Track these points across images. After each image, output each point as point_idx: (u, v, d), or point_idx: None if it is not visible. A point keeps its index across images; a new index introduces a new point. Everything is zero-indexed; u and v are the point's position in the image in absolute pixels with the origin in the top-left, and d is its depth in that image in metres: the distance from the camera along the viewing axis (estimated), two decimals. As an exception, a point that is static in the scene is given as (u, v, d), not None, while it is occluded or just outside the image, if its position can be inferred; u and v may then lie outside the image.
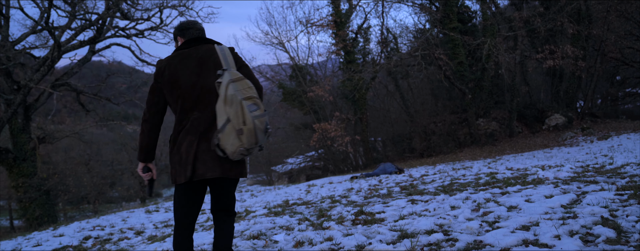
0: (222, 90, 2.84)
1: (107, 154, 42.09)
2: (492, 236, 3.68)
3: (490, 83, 23.34)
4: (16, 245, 7.09)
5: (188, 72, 2.99)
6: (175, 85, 2.98)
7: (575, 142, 17.74)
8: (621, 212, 3.99)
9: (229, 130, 2.80)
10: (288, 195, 9.97)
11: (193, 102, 2.98)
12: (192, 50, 3.08)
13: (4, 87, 19.28)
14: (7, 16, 18.86)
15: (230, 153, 2.83)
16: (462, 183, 7.56)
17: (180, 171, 2.94)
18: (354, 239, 4.14)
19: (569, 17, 21.54)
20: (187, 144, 2.93)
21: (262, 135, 2.86)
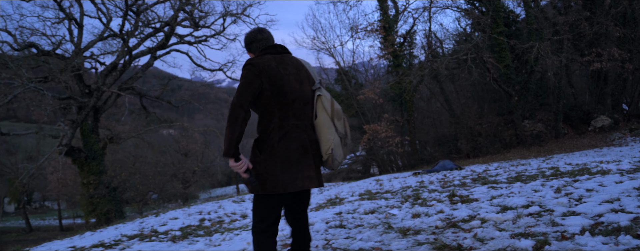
0: (327, 104, 3.00)
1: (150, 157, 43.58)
2: (583, 207, 4.50)
3: (536, 85, 23.84)
4: (140, 226, 8.15)
5: (291, 79, 2.99)
6: (280, 89, 2.93)
7: (624, 142, 18.17)
8: (690, 190, 4.75)
9: (337, 142, 3.01)
10: (361, 187, 10.87)
11: (294, 110, 2.97)
12: (284, 57, 3.09)
13: (76, 91, 20.73)
14: (81, 25, 20.34)
15: (337, 164, 3.03)
16: (529, 175, 8.30)
17: (280, 180, 2.89)
18: (462, 211, 5.01)
19: (615, 20, 21.94)
20: (295, 153, 2.94)
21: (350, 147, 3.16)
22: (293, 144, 2.92)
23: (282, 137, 2.92)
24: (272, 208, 2.97)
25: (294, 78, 2.99)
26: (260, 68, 2.91)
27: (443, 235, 4.15)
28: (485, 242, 3.75)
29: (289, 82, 2.95)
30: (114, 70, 21.05)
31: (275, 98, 2.91)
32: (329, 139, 2.96)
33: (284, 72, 2.97)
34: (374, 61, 27.82)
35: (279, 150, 2.90)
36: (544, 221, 4.15)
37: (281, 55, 3.09)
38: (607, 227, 3.67)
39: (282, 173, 2.88)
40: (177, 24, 20.21)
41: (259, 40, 3.20)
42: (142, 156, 38.21)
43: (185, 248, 5.57)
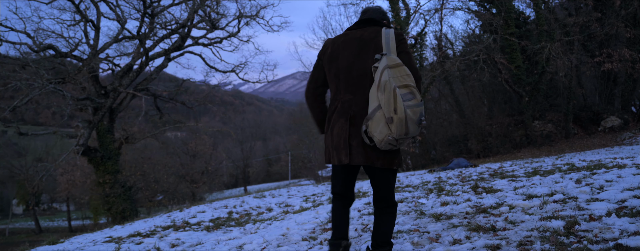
0: (377, 75, 2.82)
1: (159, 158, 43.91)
2: (605, 195, 4.74)
3: (546, 86, 24.04)
4: (169, 219, 8.43)
5: (348, 52, 3.04)
6: (333, 64, 3.08)
7: (635, 142, 18.34)
8: None
9: (378, 117, 2.79)
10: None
11: (347, 84, 3.01)
12: (358, 31, 3.11)
13: (92, 92, 21.09)
14: (98, 26, 20.71)
15: (378, 141, 2.82)
16: (546, 171, 8.53)
17: (332, 154, 3.05)
18: (489, 200, 5.27)
19: (625, 22, 22.12)
20: (338, 127, 3.00)
21: (413, 126, 2.77)
22: (341, 118, 2.99)
23: (333, 111, 3.05)
24: (335, 176, 3.22)
25: (350, 52, 3.03)
26: (324, 47, 3.18)
27: (475, 219, 4.41)
28: (517, 224, 4.00)
29: (343, 57, 3.04)
30: (129, 72, 21.40)
31: (330, 74, 3.09)
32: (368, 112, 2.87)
33: (344, 45, 3.07)
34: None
35: (331, 124, 3.06)
36: (569, 207, 4.40)
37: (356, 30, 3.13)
38: (631, 210, 3.92)
39: (330, 145, 3.05)
40: (193, 26, 20.55)
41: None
42: (151, 157, 38.66)
43: (221, 236, 5.83)
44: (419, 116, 2.78)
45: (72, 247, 6.61)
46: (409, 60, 2.96)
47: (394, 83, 2.74)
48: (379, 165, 2.95)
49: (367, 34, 3.06)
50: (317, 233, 4.78)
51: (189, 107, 24.56)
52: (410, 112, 2.72)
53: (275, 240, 4.74)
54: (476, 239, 3.68)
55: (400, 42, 3.01)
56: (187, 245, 5.55)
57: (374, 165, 2.95)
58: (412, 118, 2.73)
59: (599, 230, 3.45)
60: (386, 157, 2.96)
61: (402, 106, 2.71)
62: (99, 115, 20.29)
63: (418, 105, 2.78)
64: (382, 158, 2.95)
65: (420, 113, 2.79)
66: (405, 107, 2.71)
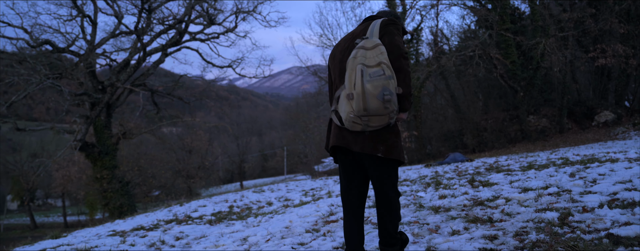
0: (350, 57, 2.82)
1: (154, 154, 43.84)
2: (598, 188, 4.90)
3: (541, 81, 24.25)
4: (170, 213, 8.56)
5: (340, 48, 3.07)
6: (331, 61, 3.14)
7: (627, 136, 18.56)
8: (696, 173, 5.15)
9: (342, 96, 2.82)
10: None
11: (339, 77, 2.98)
12: (355, 28, 3.15)
13: (90, 87, 21.14)
14: (95, 22, 20.74)
15: (344, 120, 2.83)
16: (541, 165, 8.69)
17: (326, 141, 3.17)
18: (486, 193, 5.42)
19: (619, 17, 22.32)
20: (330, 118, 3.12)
21: (374, 101, 2.67)
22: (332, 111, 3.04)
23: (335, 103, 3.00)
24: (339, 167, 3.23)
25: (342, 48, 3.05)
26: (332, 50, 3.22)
27: (472, 211, 4.56)
28: (513, 216, 4.16)
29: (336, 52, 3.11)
30: (126, 67, 21.45)
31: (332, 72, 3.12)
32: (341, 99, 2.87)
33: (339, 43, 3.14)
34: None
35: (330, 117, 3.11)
36: (563, 199, 4.56)
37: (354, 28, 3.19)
38: (623, 202, 4.08)
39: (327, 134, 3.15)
40: (191, 22, 20.61)
41: None
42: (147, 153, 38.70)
43: (224, 229, 5.97)
44: (382, 90, 2.66)
45: (76, 241, 6.74)
46: (390, 40, 2.86)
47: (359, 61, 2.72)
48: (357, 149, 2.89)
49: (360, 28, 3.07)
50: (320, 225, 4.92)
51: (186, 103, 24.66)
52: (370, 86, 2.65)
53: (278, 232, 4.88)
54: (474, 230, 3.83)
55: (386, 26, 2.94)
56: (191, 238, 5.68)
57: (350, 147, 2.91)
58: (372, 92, 2.65)
59: (592, 220, 3.61)
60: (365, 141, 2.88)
61: (361, 81, 2.66)
62: (97, 110, 20.35)
63: (383, 78, 2.68)
64: (361, 142, 2.89)
65: (384, 88, 2.67)
66: (364, 82, 2.66)
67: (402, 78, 2.78)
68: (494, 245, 3.36)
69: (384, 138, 2.88)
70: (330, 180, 13.27)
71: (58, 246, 6.37)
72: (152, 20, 21.90)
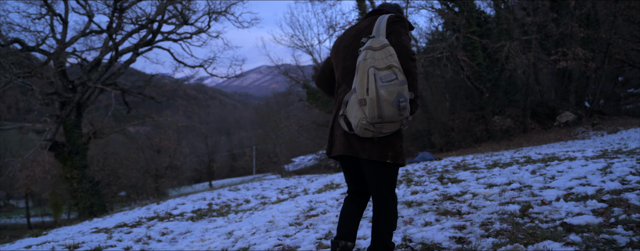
0: (359, 58, 2.67)
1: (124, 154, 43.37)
2: (556, 183, 5.35)
3: (506, 82, 25.09)
4: (149, 212, 8.76)
5: (344, 43, 2.93)
6: (335, 57, 2.99)
7: (587, 136, 19.42)
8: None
9: (353, 100, 2.65)
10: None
11: (342, 75, 2.89)
12: (359, 22, 3.00)
13: (60, 86, 20.97)
14: (65, 21, 20.57)
15: (354, 127, 2.67)
16: (505, 163, 9.20)
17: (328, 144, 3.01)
18: (454, 189, 5.83)
19: (579, 22, 23.30)
20: (332, 118, 2.98)
21: (389, 108, 2.55)
22: (334, 111, 2.96)
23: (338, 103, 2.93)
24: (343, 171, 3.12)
25: (345, 43, 2.92)
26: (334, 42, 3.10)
27: (442, 205, 4.96)
28: (480, 208, 4.57)
29: (340, 47, 2.96)
30: (98, 66, 21.34)
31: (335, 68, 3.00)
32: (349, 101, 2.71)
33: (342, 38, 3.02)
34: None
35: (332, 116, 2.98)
36: (525, 194, 4.99)
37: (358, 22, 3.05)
38: (577, 196, 4.53)
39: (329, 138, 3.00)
40: (164, 22, 20.65)
41: None
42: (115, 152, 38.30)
43: (207, 225, 6.24)
44: (397, 97, 2.53)
45: (60, 238, 6.89)
46: (397, 40, 2.71)
47: (370, 64, 2.58)
48: (365, 156, 2.74)
49: (364, 23, 2.91)
50: (302, 219, 5.24)
51: (158, 102, 24.63)
52: (385, 92, 2.52)
53: (263, 226, 5.19)
54: (445, 221, 4.22)
55: (392, 24, 2.78)
56: (177, 233, 5.94)
57: (358, 155, 2.76)
58: (387, 99, 2.52)
59: (549, 212, 4.03)
60: (373, 149, 2.73)
61: (375, 86, 2.53)
62: (67, 109, 20.20)
63: (396, 84, 2.55)
64: (369, 149, 2.74)
65: (399, 94, 2.54)
66: (378, 87, 2.53)
67: (410, 82, 2.66)
68: (463, 233, 3.75)
69: (392, 144, 2.76)
70: (304, 178, 13.60)
71: (43, 244, 6.52)
72: (123, 20, 21.83)
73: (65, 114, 20.13)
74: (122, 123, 26.95)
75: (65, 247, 5.61)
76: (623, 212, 3.73)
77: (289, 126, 39.80)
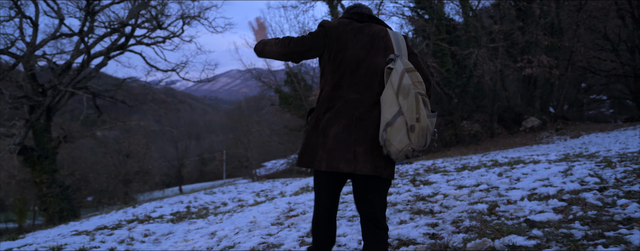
0: (396, 77, 2.53)
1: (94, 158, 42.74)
2: (521, 184, 5.71)
3: (474, 89, 25.78)
4: (127, 215, 8.85)
5: (358, 45, 2.66)
6: (337, 55, 2.65)
7: (551, 141, 20.13)
8: (601, 172, 6.07)
9: (399, 124, 2.48)
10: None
11: (354, 80, 2.63)
12: (365, 25, 2.74)
13: (29, 90, 20.72)
14: (36, 24, 20.35)
15: (395, 151, 2.49)
16: (473, 166, 9.59)
17: (324, 157, 2.58)
18: (426, 190, 6.15)
19: (544, 30, 24.16)
20: (339, 128, 2.59)
21: (429, 137, 2.56)
22: (340, 119, 2.59)
23: (329, 109, 2.63)
24: (320, 187, 2.78)
25: (361, 45, 2.66)
26: (327, 30, 2.70)
27: (416, 205, 5.26)
28: (450, 208, 4.88)
29: (352, 49, 2.64)
30: (68, 69, 21.15)
31: (330, 64, 2.66)
32: (386, 118, 2.51)
33: (353, 38, 2.68)
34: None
35: (324, 123, 2.62)
36: (492, 194, 5.34)
37: (362, 24, 2.76)
38: (540, 195, 4.88)
39: (320, 148, 2.60)
40: (137, 26, 20.61)
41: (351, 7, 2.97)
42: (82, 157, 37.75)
43: (189, 226, 6.41)
44: (433, 128, 2.58)
45: (40, 241, 6.96)
46: (418, 62, 2.70)
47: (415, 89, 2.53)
48: (386, 175, 2.62)
49: (376, 30, 2.72)
50: (282, 219, 5.48)
51: (130, 106, 24.51)
52: (430, 123, 2.52)
53: (245, 226, 5.40)
54: (419, 220, 4.52)
55: (409, 44, 2.77)
56: (159, 234, 6.10)
57: (382, 175, 2.59)
58: (430, 129, 2.53)
59: (514, 210, 4.37)
60: (391, 167, 2.64)
61: (425, 115, 2.49)
62: (37, 113, 19.97)
63: (434, 115, 2.57)
64: (389, 168, 2.62)
65: (433, 125, 2.57)
66: (426, 116, 2.50)
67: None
68: (436, 230, 4.04)
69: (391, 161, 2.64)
70: (278, 182, 13.79)
71: (23, 246, 6.59)
72: (94, 23, 21.70)
73: (34, 118, 19.90)
74: (92, 127, 26.66)
75: (49, 249, 5.72)
76: (580, 210, 4.09)
77: (261, 130, 39.91)
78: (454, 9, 28.60)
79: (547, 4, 25.15)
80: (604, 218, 3.74)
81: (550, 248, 3.18)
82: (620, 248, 2.99)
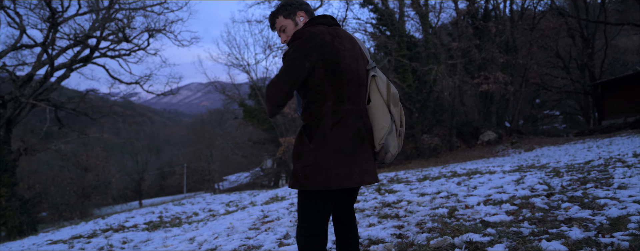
0: (383, 86, 2.58)
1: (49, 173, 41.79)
2: (477, 192, 6.23)
3: (434, 103, 26.65)
4: (101, 225, 9.00)
5: (347, 55, 2.54)
6: (335, 68, 2.49)
7: (506, 154, 21.02)
8: (549, 180, 6.65)
9: (393, 131, 2.59)
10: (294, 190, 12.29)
11: (349, 92, 2.54)
12: (339, 31, 2.60)
13: (-14, 102, 20.36)
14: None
15: (390, 157, 2.61)
16: (433, 177, 10.13)
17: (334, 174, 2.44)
18: (391, 197, 6.60)
19: (499, 48, 25.30)
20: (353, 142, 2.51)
21: None
22: (348, 132, 2.50)
23: (335, 123, 2.48)
24: (323, 207, 2.53)
25: (349, 54, 2.55)
26: (315, 42, 2.45)
27: (382, 211, 5.69)
28: (414, 212, 5.33)
29: (345, 59, 2.51)
30: (30, 81, 20.92)
31: (330, 78, 2.48)
32: (383, 127, 2.55)
33: (340, 46, 2.52)
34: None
35: (333, 139, 2.46)
36: (452, 200, 5.82)
37: (336, 28, 2.62)
38: (494, 201, 5.38)
39: (336, 165, 2.45)
40: (103, 38, 20.59)
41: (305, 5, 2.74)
42: (38, 171, 36.92)
43: (165, 234, 6.67)
44: None
45: (16, 248, 7.09)
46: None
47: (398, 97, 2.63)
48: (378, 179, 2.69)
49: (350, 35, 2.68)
50: (258, 225, 5.82)
51: (93, 118, 24.31)
52: None
53: (223, 231, 5.72)
54: (386, 223, 4.95)
55: None
56: (137, 241, 6.34)
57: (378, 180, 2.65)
58: None
59: (471, 213, 4.85)
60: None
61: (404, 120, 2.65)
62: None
63: None
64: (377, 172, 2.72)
65: None
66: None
67: None
68: (402, 231, 4.48)
69: None
70: (245, 193, 14.05)
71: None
72: (56, 34, 21.55)
73: (-5, 130, 19.60)
74: (49, 140, 26.26)
75: (29, 256, 5.89)
76: (529, 212, 4.59)
77: (224, 143, 39.92)
78: (415, 26, 29.58)
79: (502, 23, 26.39)
80: (549, 219, 4.25)
81: (501, 243, 3.64)
82: (561, 241, 3.48)
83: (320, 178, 2.43)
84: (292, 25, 2.69)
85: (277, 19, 2.74)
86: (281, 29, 2.73)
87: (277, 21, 2.74)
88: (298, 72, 2.43)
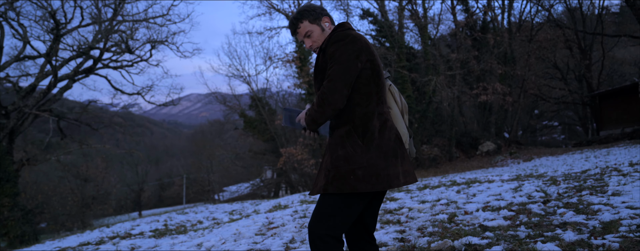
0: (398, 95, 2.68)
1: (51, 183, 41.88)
2: (477, 199, 6.42)
3: (433, 114, 26.88)
4: (105, 233, 9.16)
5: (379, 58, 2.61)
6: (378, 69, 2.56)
7: (505, 164, 21.20)
8: (546, 188, 6.84)
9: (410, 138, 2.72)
10: (296, 199, 12.45)
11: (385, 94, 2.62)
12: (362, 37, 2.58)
13: (-9, 112, 20.56)
14: (1, 46, 20.35)
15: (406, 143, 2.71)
16: (433, 186, 10.31)
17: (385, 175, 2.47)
18: (392, 205, 6.78)
19: (498, 59, 25.58)
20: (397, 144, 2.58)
21: None
22: (391, 133, 2.55)
23: (382, 125, 2.53)
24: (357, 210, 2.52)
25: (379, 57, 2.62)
26: (361, 44, 2.49)
27: (384, 217, 5.87)
28: (415, 218, 5.52)
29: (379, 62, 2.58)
30: (33, 91, 21.13)
31: (374, 80, 2.53)
32: (404, 133, 2.65)
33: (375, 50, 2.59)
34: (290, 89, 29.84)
35: (382, 140, 2.51)
36: (451, 207, 6.00)
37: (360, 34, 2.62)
38: (493, 207, 5.57)
39: (386, 166, 2.48)
40: (106, 50, 20.86)
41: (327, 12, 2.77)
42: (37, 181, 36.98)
43: (172, 240, 6.84)
44: None
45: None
46: None
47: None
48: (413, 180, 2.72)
49: None
50: (264, 231, 6.00)
51: (95, 129, 24.49)
52: None
53: (230, 237, 5.89)
54: (388, 228, 5.13)
55: None
56: (146, 248, 6.50)
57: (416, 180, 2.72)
58: None
59: (471, 219, 5.03)
60: None
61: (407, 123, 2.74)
62: (1, 135, 19.83)
63: None
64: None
65: None
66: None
67: None
68: (403, 235, 4.66)
69: None
70: (247, 203, 14.20)
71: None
72: (59, 46, 21.78)
73: (-3, 140, 19.76)
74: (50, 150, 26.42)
75: (41, 261, 6.05)
76: (526, 217, 4.78)
77: (224, 154, 40.09)
78: (414, 37, 29.88)
79: (500, 34, 26.72)
80: (545, 223, 4.44)
81: (499, 245, 3.83)
82: (555, 243, 3.66)
83: (374, 180, 2.43)
84: (319, 31, 2.66)
85: (301, 24, 2.66)
86: (306, 34, 2.67)
87: (301, 26, 2.66)
88: (353, 73, 2.44)
